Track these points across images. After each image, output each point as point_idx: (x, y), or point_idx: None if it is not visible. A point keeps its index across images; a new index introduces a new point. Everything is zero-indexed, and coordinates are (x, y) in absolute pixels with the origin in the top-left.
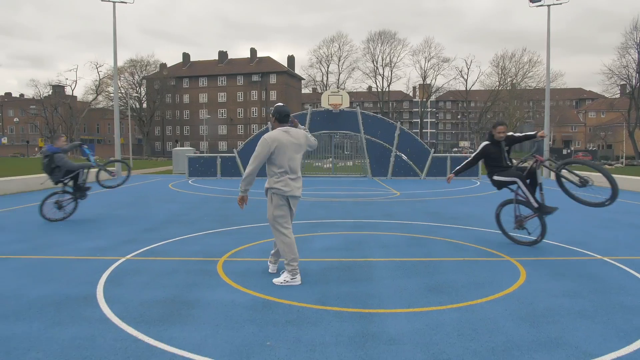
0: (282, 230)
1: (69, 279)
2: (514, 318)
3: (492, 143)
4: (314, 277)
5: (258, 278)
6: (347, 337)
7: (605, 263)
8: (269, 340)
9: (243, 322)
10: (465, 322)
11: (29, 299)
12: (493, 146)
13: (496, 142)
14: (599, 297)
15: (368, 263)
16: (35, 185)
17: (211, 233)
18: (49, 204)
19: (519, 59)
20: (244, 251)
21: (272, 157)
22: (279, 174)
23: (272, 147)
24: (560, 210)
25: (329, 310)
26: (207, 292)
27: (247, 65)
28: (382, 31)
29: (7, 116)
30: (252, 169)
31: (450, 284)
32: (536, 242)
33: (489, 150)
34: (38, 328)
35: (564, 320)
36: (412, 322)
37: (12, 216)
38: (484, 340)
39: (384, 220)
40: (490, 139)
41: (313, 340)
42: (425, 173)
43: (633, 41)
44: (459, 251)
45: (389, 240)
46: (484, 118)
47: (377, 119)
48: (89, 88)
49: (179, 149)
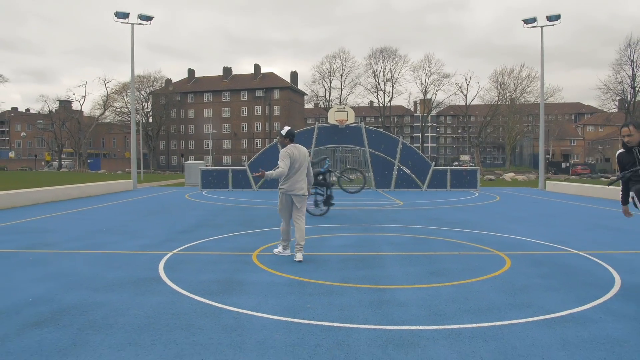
0: (281, 219)
1: (132, 266)
2: (497, 291)
3: (624, 150)
4: (336, 265)
5: (289, 266)
6: (367, 302)
7: (579, 256)
8: (308, 304)
9: (285, 294)
10: (459, 294)
11: (108, 280)
12: (626, 154)
13: (628, 148)
14: (567, 278)
15: (379, 256)
16: (63, 196)
17: (239, 234)
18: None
19: (517, 75)
20: (271, 248)
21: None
22: (286, 178)
23: (292, 156)
24: (554, 216)
25: (351, 286)
26: (250, 275)
27: (251, 80)
28: (383, 48)
29: (15, 131)
30: (282, 170)
31: (447, 270)
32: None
33: (621, 159)
34: (127, 297)
35: (535, 292)
36: (416, 293)
37: (54, 221)
38: (472, 304)
39: (390, 224)
40: (623, 146)
41: (341, 304)
42: (427, 185)
43: (627, 58)
44: (456, 247)
45: (396, 239)
46: (483, 132)
47: (380, 134)
48: (96, 103)
49: (192, 162)
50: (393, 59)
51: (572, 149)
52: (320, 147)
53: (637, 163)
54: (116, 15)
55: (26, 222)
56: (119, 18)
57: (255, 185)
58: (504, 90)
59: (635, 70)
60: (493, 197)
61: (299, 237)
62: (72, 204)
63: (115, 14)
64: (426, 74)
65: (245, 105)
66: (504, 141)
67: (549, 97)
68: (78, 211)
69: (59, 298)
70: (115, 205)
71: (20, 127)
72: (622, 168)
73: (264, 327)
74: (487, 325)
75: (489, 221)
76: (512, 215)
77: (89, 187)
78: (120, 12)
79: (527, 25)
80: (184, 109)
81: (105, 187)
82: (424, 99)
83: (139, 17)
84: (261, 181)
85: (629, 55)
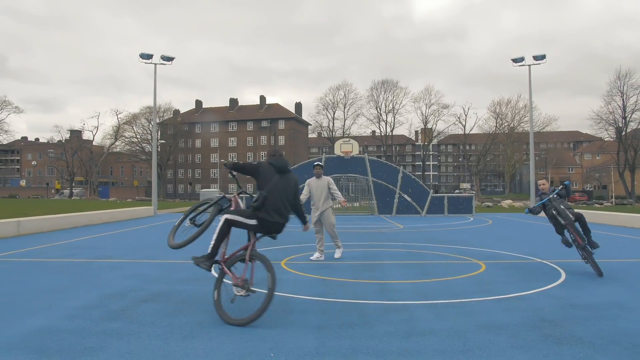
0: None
1: (189, 270)
2: (469, 284)
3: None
4: (348, 269)
5: (312, 269)
6: (373, 290)
7: (542, 263)
8: (331, 291)
9: (313, 285)
10: (440, 285)
11: (176, 278)
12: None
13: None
14: (525, 276)
15: (381, 264)
16: (96, 220)
17: (265, 249)
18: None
19: (514, 105)
20: (295, 258)
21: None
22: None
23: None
24: (534, 236)
25: (361, 281)
26: (283, 275)
27: (257, 111)
28: (385, 80)
29: (26, 159)
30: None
31: (435, 273)
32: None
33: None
34: (197, 288)
35: (498, 284)
36: (409, 285)
37: (103, 240)
38: (448, 290)
39: (391, 242)
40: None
41: (355, 291)
42: (426, 211)
43: (617, 89)
44: (444, 258)
45: (395, 253)
46: (482, 161)
47: (381, 164)
48: (107, 133)
49: (207, 190)
50: (394, 91)
51: (570, 176)
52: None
53: (550, 201)
54: (141, 56)
55: (80, 241)
56: (144, 59)
57: None
58: (501, 120)
59: (625, 102)
60: (486, 221)
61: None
62: (107, 227)
63: (140, 55)
64: (426, 104)
65: (251, 135)
66: (504, 169)
67: (546, 127)
68: (118, 232)
69: (148, 288)
70: (146, 228)
71: (31, 156)
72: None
73: (303, 302)
74: (456, 301)
75: (477, 240)
76: (498, 236)
77: (117, 212)
78: (144, 54)
79: (515, 64)
80: (192, 138)
81: (130, 212)
82: (425, 128)
83: (162, 58)
84: None
85: (619, 87)
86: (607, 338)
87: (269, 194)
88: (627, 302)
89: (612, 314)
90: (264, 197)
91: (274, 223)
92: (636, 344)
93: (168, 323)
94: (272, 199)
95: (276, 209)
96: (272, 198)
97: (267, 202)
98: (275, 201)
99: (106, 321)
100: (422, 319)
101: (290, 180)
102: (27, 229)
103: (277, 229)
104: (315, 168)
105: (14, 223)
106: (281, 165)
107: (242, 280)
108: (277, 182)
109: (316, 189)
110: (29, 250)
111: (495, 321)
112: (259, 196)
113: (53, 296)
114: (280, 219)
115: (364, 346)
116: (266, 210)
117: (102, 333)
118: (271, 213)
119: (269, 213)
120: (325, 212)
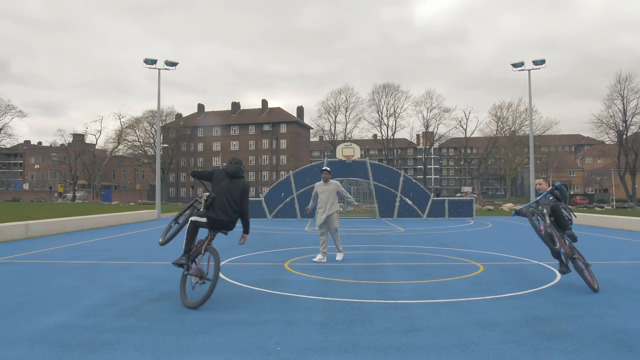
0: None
1: None
2: (467, 284)
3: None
4: (349, 271)
5: (315, 271)
6: (373, 290)
7: (539, 265)
8: (333, 291)
9: (316, 286)
10: (438, 285)
11: None
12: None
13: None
14: (521, 277)
15: (382, 266)
16: (102, 223)
17: (269, 252)
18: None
19: (515, 109)
20: (297, 260)
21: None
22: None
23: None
24: (532, 238)
25: (362, 282)
26: (287, 276)
27: (259, 115)
28: (386, 84)
29: (29, 163)
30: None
31: (434, 274)
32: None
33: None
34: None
35: (494, 284)
36: (409, 285)
37: (111, 242)
38: (448, 291)
39: (392, 245)
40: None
41: (356, 291)
42: (427, 214)
43: (617, 93)
44: (443, 260)
45: (396, 255)
46: (484, 164)
47: (383, 168)
48: (110, 137)
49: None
50: (395, 95)
51: (572, 179)
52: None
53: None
54: (145, 61)
55: (88, 243)
56: (148, 64)
57: (269, 215)
58: (502, 124)
59: (625, 105)
60: (486, 224)
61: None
62: (113, 230)
63: (145, 61)
64: (427, 108)
65: (253, 139)
66: (505, 173)
67: (547, 130)
68: (124, 235)
69: (157, 288)
70: (151, 231)
71: (34, 159)
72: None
73: (306, 301)
74: (454, 300)
75: (476, 243)
76: (497, 238)
77: (121, 215)
78: (148, 59)
79: (515, 69)
80: (194, 142)
81: (134, 216)
82: (426, 132)
83: (166, 63)
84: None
85: (619, 90)
86: (594, 334)
87: (217, 195)
88: (616, 301)
89: (602, 312)
90: (212, 198)
91: (220, 220)
92: (621, 339)
93: (179, 320)
94: (219, 199)
95: (223, 208)
96: (219, 199)
97: (214, 202)
98: (221, 201)
99: (120, 318)
100: (420, 317)
101: (238, 184)
102: (36, 232)
103: (224, 225)
104: (323, 173)
105: (23, 226)
106: (232, 171)
107: (196, 270)
108: (226, 185)
109: (323, 193)
110: (38, 253)
111: (490, 318)
112: (209, 197)
113: (67, 295)
114: (225, 217)
115: (365, 341)
116: (214, 210)
117: (117, 329)
118: (217, 212)
119: (215, 212)
120: (331, 216)
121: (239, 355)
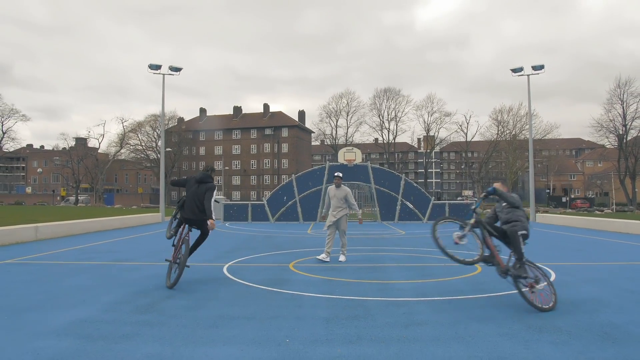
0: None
1: (205, 272)
2: (466, 284)
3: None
4: (352, 271)
5: (319, 271)
6: (375, 289)
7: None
8: (337, 290)
9: (320, 285)
10: (440, 285)
11: (194, 279)
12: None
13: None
14: None
15: (383, 266)
16: (108, 226)
17: (273, 254)
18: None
19: (516, 113)
20: (301, 261)
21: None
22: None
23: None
24: (529, 240)
25: (364, 282)
26: (291, 276)
27: (260, 119)
28: (387, 88)
29: (32, 167)
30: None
31: (434, 274)
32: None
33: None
34: (215, 287)
35: (491, 283)
36: (410, 285)
37: (118, 244)
38: (447, 290)
39: (393, 247)
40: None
41: (358, 290)
42: (427, 217)
43: (617, 97)
44: (443, 261)
45: (397, 256)
46: (485, 168)
47: (384, 172)
48: (112, 141)
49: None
50: (397, 99)
51: (572, 183)
52: (330, 184)
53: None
54: (150, 67)
55: (96, 245)
56: (153, 70)
57: (272, 218)
58: (503, 127)
59: (625, 109)
60: None
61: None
62: (119, 233)
63: (149, 66)
64: (428, 112)
65: (254, 143)
66: (506, 176)
67: (547, 134)
68: (130, 237)
69: None
70: (156, 234)
71: (36, 163)
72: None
73: (312, 299)
74: (452, 298)
75: (475, 245)
76: (495, 240)
77: (126, 218)
78: (153, 65)
79: (515, 74)
80: (196, 146)
81: (138, 219)
82: (427, 136)
83: (170, 68)
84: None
85: (619, 95)
86: (583, 327)
87: (186, 197)
88: (606, 298)
89: (591, 308)
90: (183, 200)
91: (189, 219)
92: (607, 332)
93: (192, 315)
94: (188, 201)
95: (190, 209)
96: (188, 201)
97: (185, 204)
98: (189, 202)
99: (136, 314)
100: (419, 313)
101: (203, 187)
102: (45, 234)
103: (192, 222)
104: (336, 178)
105: (32, 229)
106: (199, 177)
107: (174, 258)
108: (194, 190)
109: (334, 197)
110: (50, 254)
111: (485, 314)
112: (181, 199)
113: (85, 293)
114: (192, 216)
115: (368, 334)
116: (184, 210)
117: (135, 323)
118: (187, 211)
119: (185, 211)
120: (340, 219)
121: (251, 346)
